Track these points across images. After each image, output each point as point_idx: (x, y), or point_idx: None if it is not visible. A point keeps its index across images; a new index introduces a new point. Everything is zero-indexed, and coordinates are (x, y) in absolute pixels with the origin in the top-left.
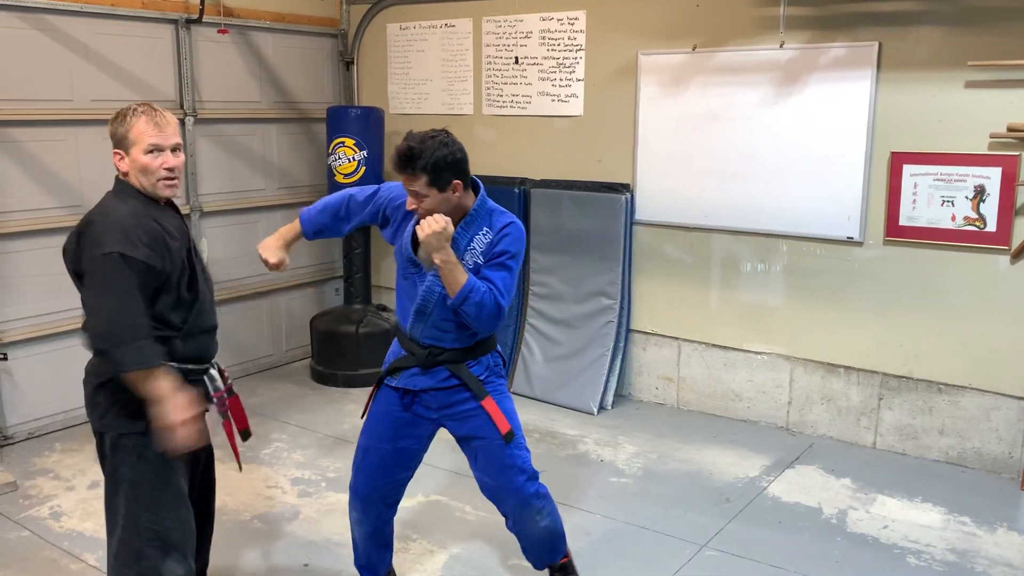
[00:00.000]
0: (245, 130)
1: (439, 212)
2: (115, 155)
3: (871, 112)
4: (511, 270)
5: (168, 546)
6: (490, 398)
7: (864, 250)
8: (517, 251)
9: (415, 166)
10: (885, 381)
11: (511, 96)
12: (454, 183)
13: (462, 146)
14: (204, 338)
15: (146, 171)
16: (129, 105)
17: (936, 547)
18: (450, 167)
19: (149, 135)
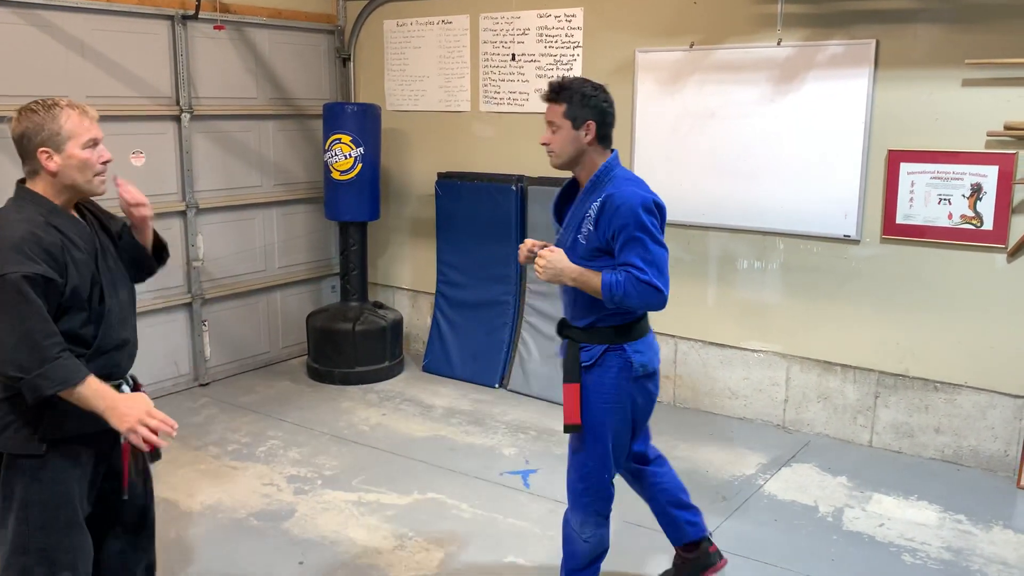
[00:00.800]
0: (241, 127)
1: (567, 150)
2: (42, 154)
3: (868, 110)
4: (641, 241)
5: (57, 566)
6: (574, 385)
7: (861, 248)
8: (635, 222)
9: (558, 94)
10: (881, 379)
11: (508, 93)
12: (588, 123)
13: (613, 102)
14: (115, 355)
15: (84, 167)
16: (44, 100)
17: (932, 545)
18: (590, 107)
19: (87, 129)
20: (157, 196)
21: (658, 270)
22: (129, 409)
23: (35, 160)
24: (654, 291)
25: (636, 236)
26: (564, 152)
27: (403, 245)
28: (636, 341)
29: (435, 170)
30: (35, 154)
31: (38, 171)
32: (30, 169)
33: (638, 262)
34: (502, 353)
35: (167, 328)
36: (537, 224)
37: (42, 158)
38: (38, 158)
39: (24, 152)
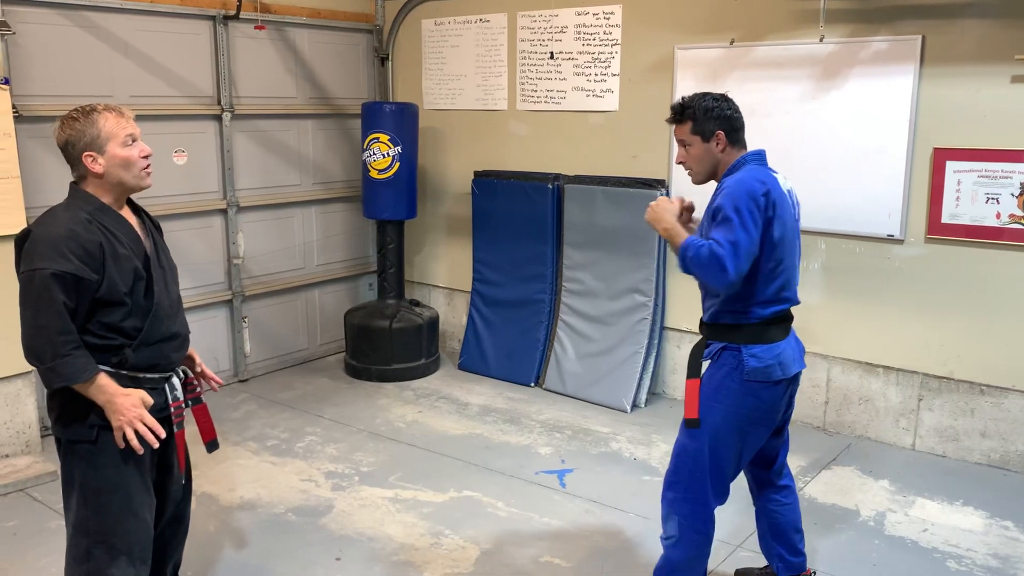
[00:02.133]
0: (281, 126)
1: (704, 163)
2: (87, 158)
3: (913, 107)
4: (729, 222)
5: (115, 551)
6: (695, 380)
7: (905, 248)
8: (732, 204)
9: (683, 114)
10: (925, 382)
11: (545, 91)
12: (717, 134)
13: (737, 107)
14: (164, 347)
15: (128, 164)
16: (82, 107)
17: (977, 552)
18: (715, 118)
19: (123, 127)
20: (198, 195)
21: (734, 252)
22: (125, 409)
23: (81, 165)
24: (719, 268)
25: (727, 216)
26: (701, 167)
27: (439, 243)
28: (754, 345)
29: (472, 169)
30: (80, 159)
31: (85, 175)
32: (78, 174)
33: (720, 238)
34: (537, 352)
35: (208, 324)
36: (574, 222)
37: (87, 162)
38: (83, 162)
39: (70, 159)
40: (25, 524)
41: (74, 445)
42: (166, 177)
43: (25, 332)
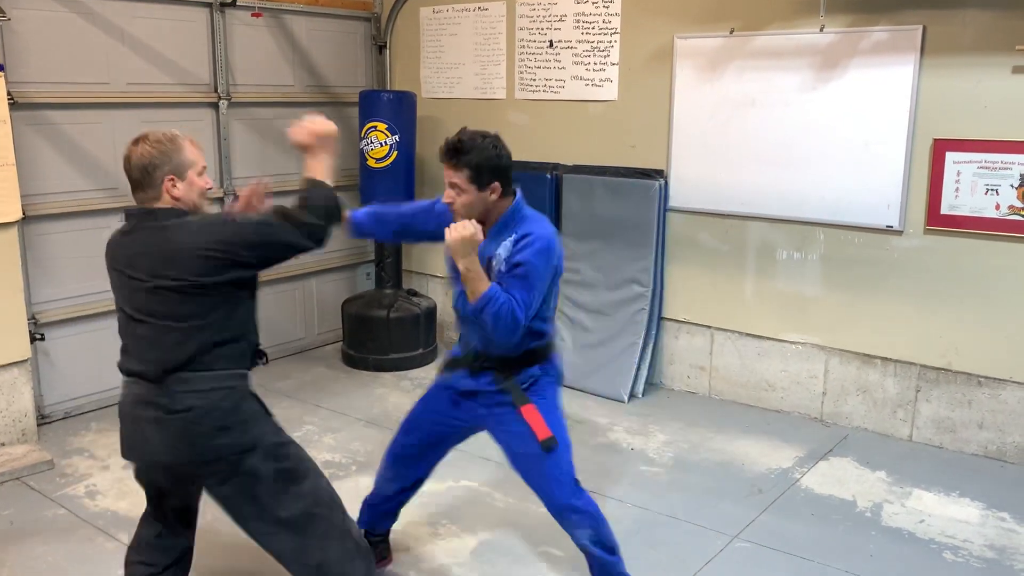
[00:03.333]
0: (278, 114)
1: (474, 209)
2: (168, 182)
3: (913, 98)
4: (526, 280)
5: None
6: (531, 405)
7: (904, 239)
8: (534, 262)
9: (460, 159)
10: (923, 373)
11: (544, 80)
12: (493, 185)
13: (510, 154)
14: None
15: (201, 192)
16: (165, 133)
17: (974, 543)
18: (493, 169)
19: (199, 157)
20: None
21: (526, 311)
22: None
23: (158, 188)
24: (513, 328)
25: (522, 275)
26: (470, 213)
27: None
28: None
29: None
30: (161, 182)
31: (159, 197)
32: (151, 196)
33: (518, 296)
34: None
35: None
36: (572, 212)
37: (167, 185)
38: (163, 185)
39: (146, 180)
40: (21, 512)
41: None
42: None
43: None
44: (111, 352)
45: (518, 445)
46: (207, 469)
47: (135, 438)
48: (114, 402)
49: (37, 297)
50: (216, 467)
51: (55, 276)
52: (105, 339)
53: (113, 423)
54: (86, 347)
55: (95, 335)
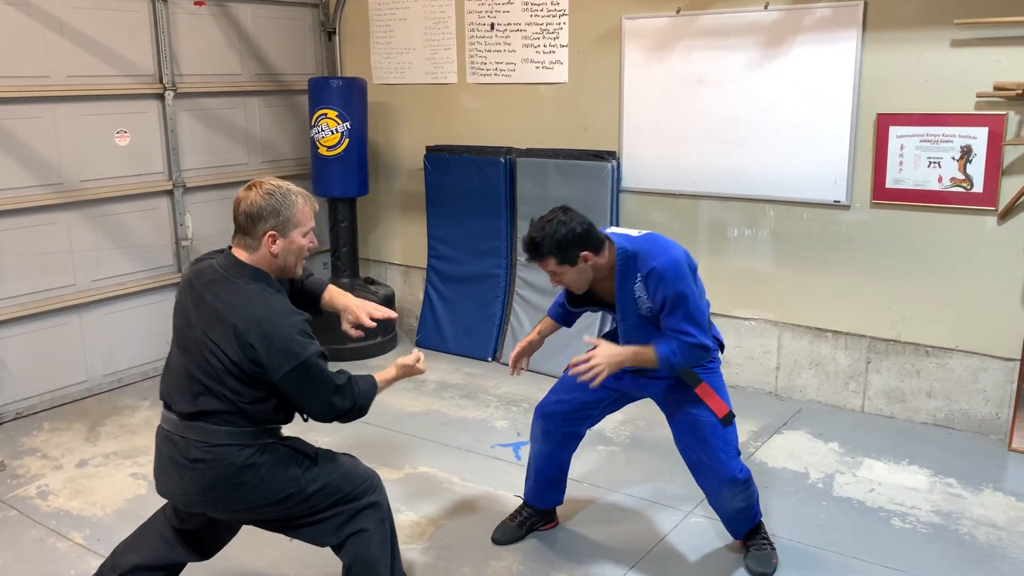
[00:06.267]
0: (226, 103)
1: (581, 281)
2: (268, 237)
3: (857, 73)
4: (682, 309)
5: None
6: (705, 384)
7: (851, 213)
8: (678, 290)
9: (541, 252)
10: (873, 345)
11: (495, 64)
12: (583, 255)
13: (583, 218)
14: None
15: (300, 252)
16: (281, 184)
17: (921, 509)
18: (574, 243)
19: (309, 218)
20: (143, 176)
21: (697, 327)
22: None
23: (258, 239)
24: (701, 351)
25: (678, 304)
26: (581, 285)
27: (393, 220)
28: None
29: (423, 144)
30: (261, 235)
31: (256, 248)
32: (247, 243)
33: (683, 327)
34: (494, 327)
35: (158, 308)
36: (527, 196)
37: (267, 240)
38: (263, 239)
39: (248, 227)
40: None
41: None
42: (109, 159)
43: (323, 405)
44: (62, 350)
45: (690, 415)
46: (228, 516)
47: (159, 469)
48: (67, 400)
49: None
50: (238, 515)
51: (2, 274)
52: (56, 337)
53: (66, 421)
54: (36, 346)
55: (45, 333)
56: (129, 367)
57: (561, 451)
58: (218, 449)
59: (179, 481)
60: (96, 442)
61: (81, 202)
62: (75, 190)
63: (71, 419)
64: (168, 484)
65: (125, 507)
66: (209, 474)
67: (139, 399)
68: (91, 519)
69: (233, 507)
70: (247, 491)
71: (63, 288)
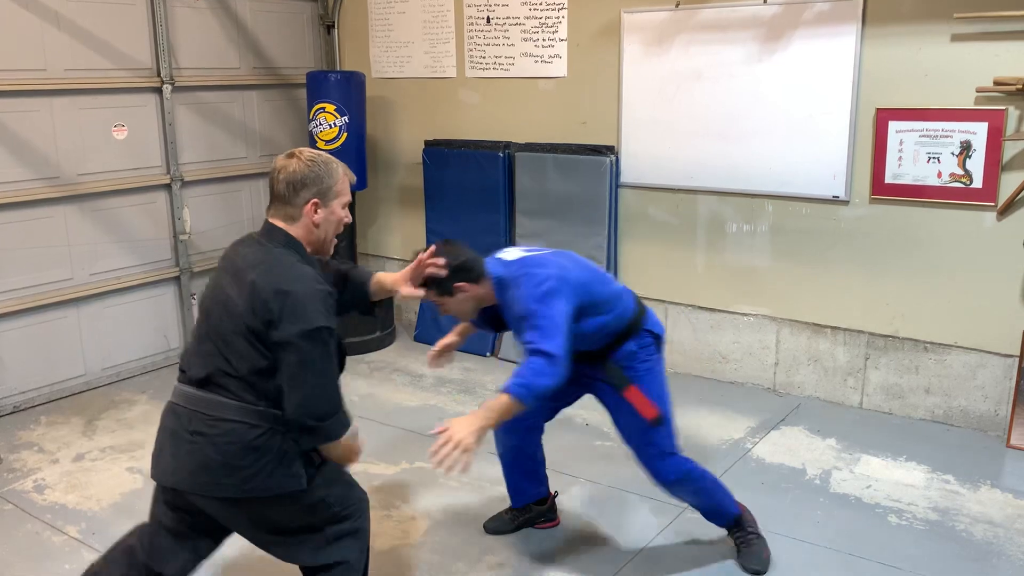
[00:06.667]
0: (225, 97)
1: (464, 312)
2: (311, 205)
3: (856, 68)
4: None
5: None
6: (632, 387)
7: (850, 209)
8: (529, 308)
9: (423, 284)
10: (872, 341)
11: (494, 58)
12: (458, 286)
13: (462, 251)
14: None
15: (338, 225)
16: (322, 154)
17: (918, 506)
18: (448, 278)
19: (347, 191)
20: (141, 169)
21: (545, 335)
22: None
23: (299, 208)
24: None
25: (527, 317)
26: (467, 313)
27: (392, 215)
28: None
29: (422, 138)
30: (303, 203)
31: (297, 217)
32: (287, 213)
33: (526, 336)
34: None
35: (156, 302)
36: (525, 191)
37: (309, 208)
38: (304, 207)
39: (289, 196)
40: None
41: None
42: (106, 153)
43: (313, 390)
44: (60, 344)
45: (625, 423)
46: (210, 505)
47: (157, 446)
48: (65, 394)
49: None
50: (222, 510)
51: None
52: (53, 331)
53: (63, 415)
54: (34, 340)
55: (43, 327)
56: (127, 361)
57: (527, 442)
58: (223, 424)
59: (173, 458)
60: (93, 436)
61: (78, 196)
62: (72, 184)
63: (68, 413)
64: (162, 463)
65: (121, 501)
66: (207, 450)
67: (137, 393)
68: (87, 513)
69: (221, 494)
70: (243, 477)
71: (61, 282)
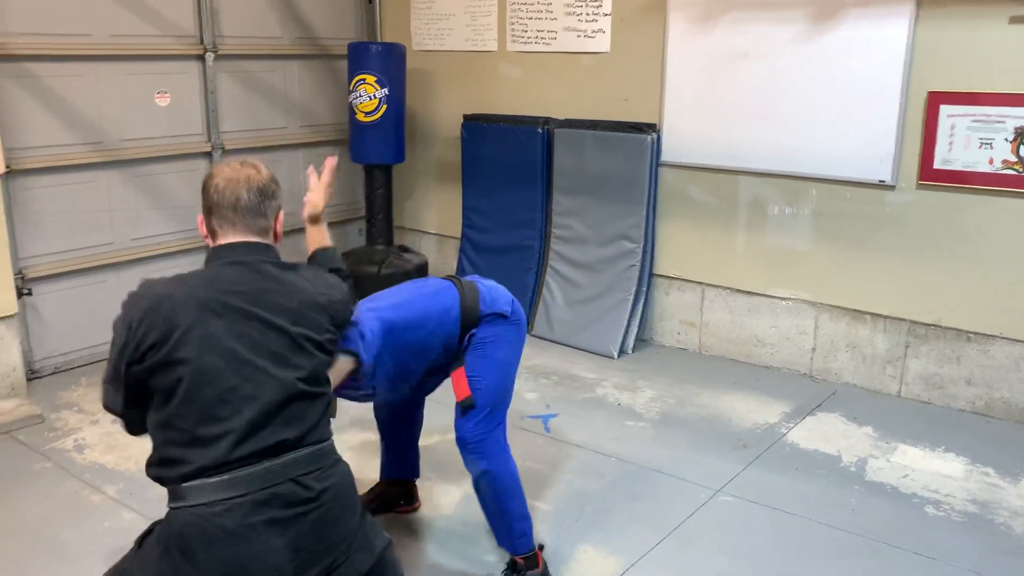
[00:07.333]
0: (266, 67)
1: None
2: (281, 215)
3: (908, 49)
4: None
5: None
6: (459, 368)
7: (896, 194)
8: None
9: None
10: (913, 329)
11: (536, 32)
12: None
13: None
14: None
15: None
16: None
17: (956, 497)
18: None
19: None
20: (182, 137)
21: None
22: None
23: (270, 220)
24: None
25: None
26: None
27: (429, 189)
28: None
29: (461, 112)
30: (274, 214)
31: (269, 230)
32: (260, 227)
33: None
34: (527, 298)
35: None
36: (564, 167)
37: (279, 217)
38: (276, 218)
39: (264, 207)
40: (9, 466)
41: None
42: (149, 119)
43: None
44: (100, 307)
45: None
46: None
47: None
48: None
49: (24, 252)
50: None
51: (41, 231)
52: (94, 294)
53: None
54: (75, 302)
55: (84, 290)
56: None
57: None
58: (337, 468)
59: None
60: None
61: (121, 161)
62: (115, 149)
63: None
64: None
65: None
66: (336, 505)
67: None
68: (125, 474)
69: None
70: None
71: (102, 246)
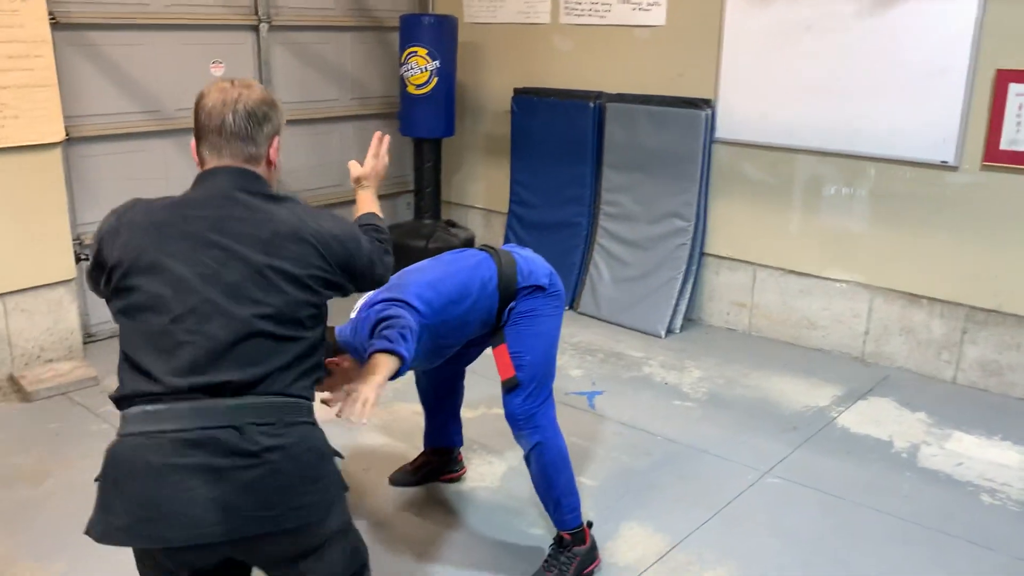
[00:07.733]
0: (319, 38)
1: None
2: (275, 141)
3: (977, 25)
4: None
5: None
6: (502, 344)
7: (958, 175)
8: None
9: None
10: (971, 314)
11: (590, 4)
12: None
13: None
14: None
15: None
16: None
17: (1013, 487)
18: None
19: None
20: None
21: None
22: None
23: (263, 147)
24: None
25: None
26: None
27: (478, 163)
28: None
29: (511, 85)
30: (267, 140)
31: (259, 159)
32: (248, 154)
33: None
34: (573, 275)
35: None
36: (615, 143)
37: (274, 145)
38: (269, 145)
39: (255, 133)
40: (66, 426)
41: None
42: None
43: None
44: None
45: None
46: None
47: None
48: None
49: (82, 218)
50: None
51: (99, 197)
52: None
53: None
54: None
55: None
56: None
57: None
58: (296, 429)
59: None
60: None
61: (176, 130)
62: (171, 119)
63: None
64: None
65: None
66: (287, 467)
67: None
68: None
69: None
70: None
71: None
